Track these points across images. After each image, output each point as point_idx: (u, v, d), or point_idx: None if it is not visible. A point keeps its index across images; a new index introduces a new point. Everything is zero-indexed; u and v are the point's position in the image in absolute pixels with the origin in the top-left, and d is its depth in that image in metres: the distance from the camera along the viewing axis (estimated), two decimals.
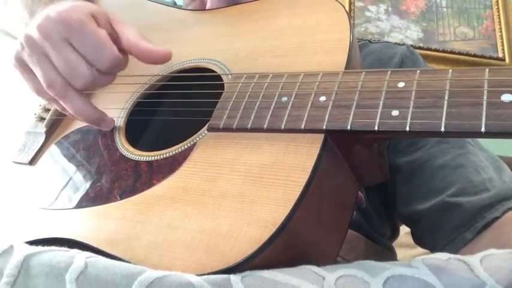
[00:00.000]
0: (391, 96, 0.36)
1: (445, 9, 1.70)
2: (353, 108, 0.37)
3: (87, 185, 0.46)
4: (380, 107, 0.36)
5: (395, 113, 0.35)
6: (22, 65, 0.49)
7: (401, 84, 0.36)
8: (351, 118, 0.36)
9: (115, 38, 0.48)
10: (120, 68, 0.48)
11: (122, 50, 0.47)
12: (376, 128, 0.35)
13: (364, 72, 0.39)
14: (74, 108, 0.48)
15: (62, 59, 0.45)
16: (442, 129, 0.33)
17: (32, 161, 0.53)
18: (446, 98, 0.34)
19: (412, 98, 0.35)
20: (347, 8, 1.60)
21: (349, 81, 0.39)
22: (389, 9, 1.68)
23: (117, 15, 0.50)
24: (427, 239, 0.56)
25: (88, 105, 0.48)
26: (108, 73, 0.47)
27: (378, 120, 0.35)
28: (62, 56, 0.45)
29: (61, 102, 0.48)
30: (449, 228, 0.52)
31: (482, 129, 0.32)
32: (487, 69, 0.34)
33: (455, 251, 0.50)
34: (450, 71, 0.36)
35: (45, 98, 0.50)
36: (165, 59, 0.48)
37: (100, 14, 0.48)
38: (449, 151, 0.57)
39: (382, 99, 0.36)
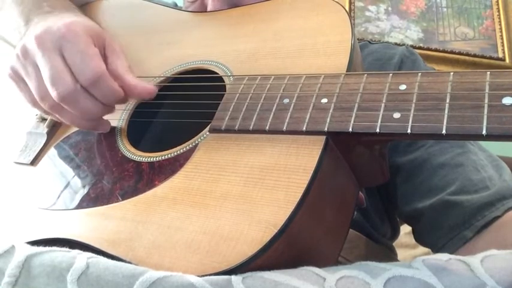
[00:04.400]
0: (392, 98, 0.36)
1: (445, 9, 1.70)
2: (354, 110, 0.37)
3: (89, 185, 0.46)
4: (381, 110, 0.36)
5: (396, 115, 0.35)
6: (17, 75, 0.49)
7: (402, 87, 0.37)
8: (352, 120, 0.36)
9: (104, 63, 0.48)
10: (105, 90, 0.46)
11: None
12: (377, 130, 0.35)
13: (365, 75, 0.39)
14: (69, 119, 0.48)
15: (48, 67, 0.45)
16: (443, 132, 0.33)
17: (34, 162, 0.53)
18: (447, 100, 0.34)
19: (414, 101, 0.35)
20: (347, 8, 1.60)
21: (350, 84, 0.39)
22: (389, 9, 1.68)
23: (117, 42, 0.50)
24: (427, 237, 0.56)
25: (80, 117, 0.48)
26: (91, 88, 0.45)
27: (379, 122, 0.35)
28: (49, 63, 0.45)
29: (56, 115, 0.48)
30: (449, 227, 0.52)
31: (483, 132, 0.32)
32: (488, 72, 0.34)
33: (455, 249, 0.51)
34: (451, 73, 0.36)
35: (40, 109, 0.50)
36: (148, 95, 0.48)
37: (98, 36, 0.48)
38: (449, 150, 0.57)
39: (384, 101, 0.36)
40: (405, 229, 0.74)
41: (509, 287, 0.29)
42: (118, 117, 0.52)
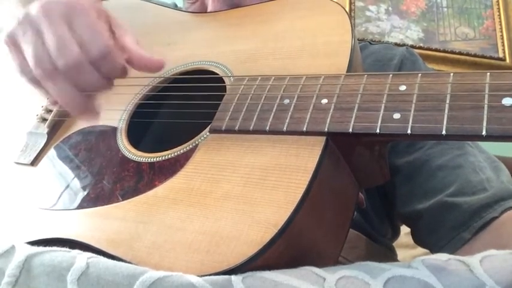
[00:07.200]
0: (392, 99, 0.36)
1: (445, 9, 1.70)
2: (355, 110, 0.37)
3: (89, 185, 0.46)
4: (381, 110, 0.36)
5: (396, 116, 0.35)
6: (13, 41, 0.48)
7: (402, 88, 0.37)
8: (352, 121, 0.36)
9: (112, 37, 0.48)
10: (111, 66, 0.45)
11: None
12: (377, 130, 0.35)
13: (365, 75, 0.39)
14: (58, 91, 0.46)
15: (56, 36, 0.44)
16: (443, 132, 0.33)
17: (34, 162, 0.53)
18: (447, 101, 0.34)
19: (414, 101, 0.35)
20: (347, 8, 1.60)
21: (350, 84, 0.39)
22: (390, 9, 1.68)
23: (118, 19, 0.50)
24: (426, 239, 0.57)
25: (73, 90, 0.46)
26: (98, 64, 0.45)
27: (379, 123, 0.35)
28: (56, 32, 0.44)
29: (46, 83, 0.46)
30: (448, 228, 0.52)
31: (483, 133, 0.32)
32: (488, 73, 0.34)
33: (453, 250, 0.51)
34: (451, 74, 0.36)
35: (28, 77, 0.48)
36: (157, 68, 0.47)
37: (102, 12, 0.48)
38: (448, 152, 0.57)
39: (384, 102, 0.36)
40: (405, 229, 0.73)
41: (509, 286, 0.29)
42: (118, 118, 0.52)
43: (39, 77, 0.46)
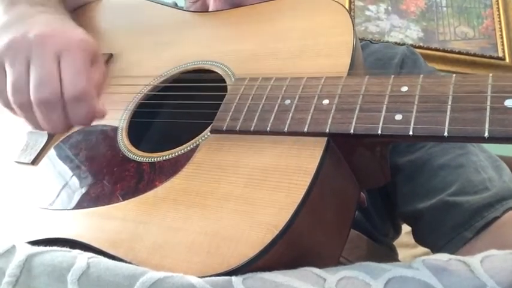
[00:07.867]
0: (394, 100, 0.36)
1: (445, 9, 1.71)
2: (356, 112, 0.37)
3: (89, 185, 0.46)
4: (383, 111, 0.36)
5: (398, 117, 0.35)
6: (1, 62, 0.47)
7: (404, 89, 0.37)
8: (354, 122, 0.36)
9: None
10: (80, 112, 0.45)
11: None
12: (379, 132, 0.35)
13: (367, 76, 0.39)
14: (32, 122, 0.47)
15: (45, 69, 0.44)
16: (445, 134, 0.33)
17: (35, 161, 0.53)
18: (449, 102, 0.34)
19: (416, 103, 0.35)
20: (347, 7, 1.60)
21: (352, 85, 0.39)
22: (389, 8, 1.68)
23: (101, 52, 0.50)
24: (427, 238, 0.57)
25: (39, 122, 0.47)
26: (71, 103, 0.45)
27: (381, 124, 0.35)
28: (46, 66, 0.44)
29: (21, 113, 0.47)
30: (449, 227, 0.52)
31: (486, 135, 0.32)
32: (491, 75, 0.34)
33: (454, 250, 0.51)
34: (453, 76, 0.36)
35: (2, 102, 0.48)
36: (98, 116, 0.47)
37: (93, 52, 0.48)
38: (450, 151, 0.57)
39: (386, 103, 0.36)
40: (406, 229, 0.74)
41: (509, 287, 0.29)
42: (119, 117, 0.52)
43: (15, 105, 0.46)
